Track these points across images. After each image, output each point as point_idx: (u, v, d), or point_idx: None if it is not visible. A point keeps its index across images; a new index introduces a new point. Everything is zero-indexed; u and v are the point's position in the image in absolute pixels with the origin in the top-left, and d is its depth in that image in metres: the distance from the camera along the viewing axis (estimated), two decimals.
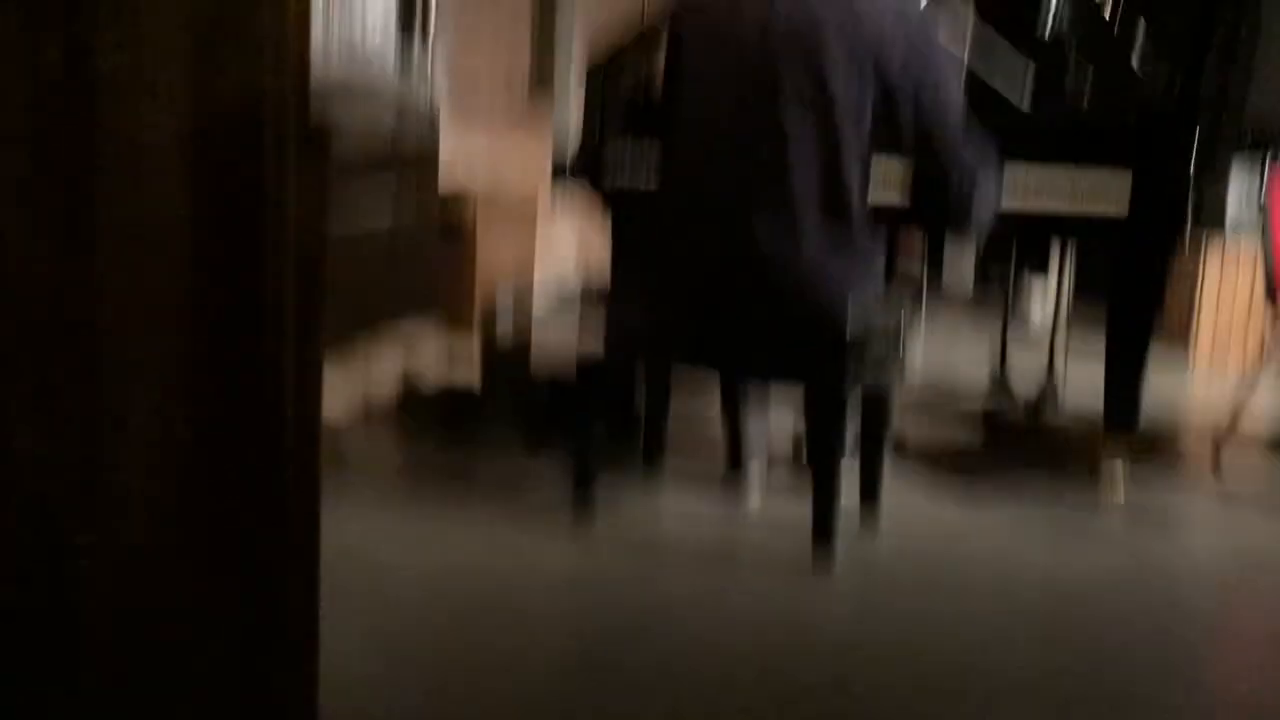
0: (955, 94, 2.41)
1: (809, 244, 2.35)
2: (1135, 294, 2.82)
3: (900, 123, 2.37)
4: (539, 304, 5.82)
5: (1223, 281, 5.49)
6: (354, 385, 3.51)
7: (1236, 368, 5.32)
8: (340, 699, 1.59)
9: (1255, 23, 6.32)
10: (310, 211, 0.93)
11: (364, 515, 2.58)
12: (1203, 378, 5.18)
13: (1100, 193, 2.72)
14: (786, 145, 2.34)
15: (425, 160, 4.55)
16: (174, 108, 0.87)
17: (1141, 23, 3.12)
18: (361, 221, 4.34)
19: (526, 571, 2.28)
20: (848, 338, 2.33)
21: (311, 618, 1.07)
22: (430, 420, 3.31)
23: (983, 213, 2.46)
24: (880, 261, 2.51)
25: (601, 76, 3.30)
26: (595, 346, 2.60)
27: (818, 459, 2.40)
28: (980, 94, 2.78)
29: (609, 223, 3.24)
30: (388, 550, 2.37)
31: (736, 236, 2.37)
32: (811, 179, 2.35)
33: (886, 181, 2.68)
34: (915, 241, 3.78)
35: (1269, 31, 6.56)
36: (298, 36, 0.87)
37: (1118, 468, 2.94)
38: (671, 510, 2.72)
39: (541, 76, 7.26)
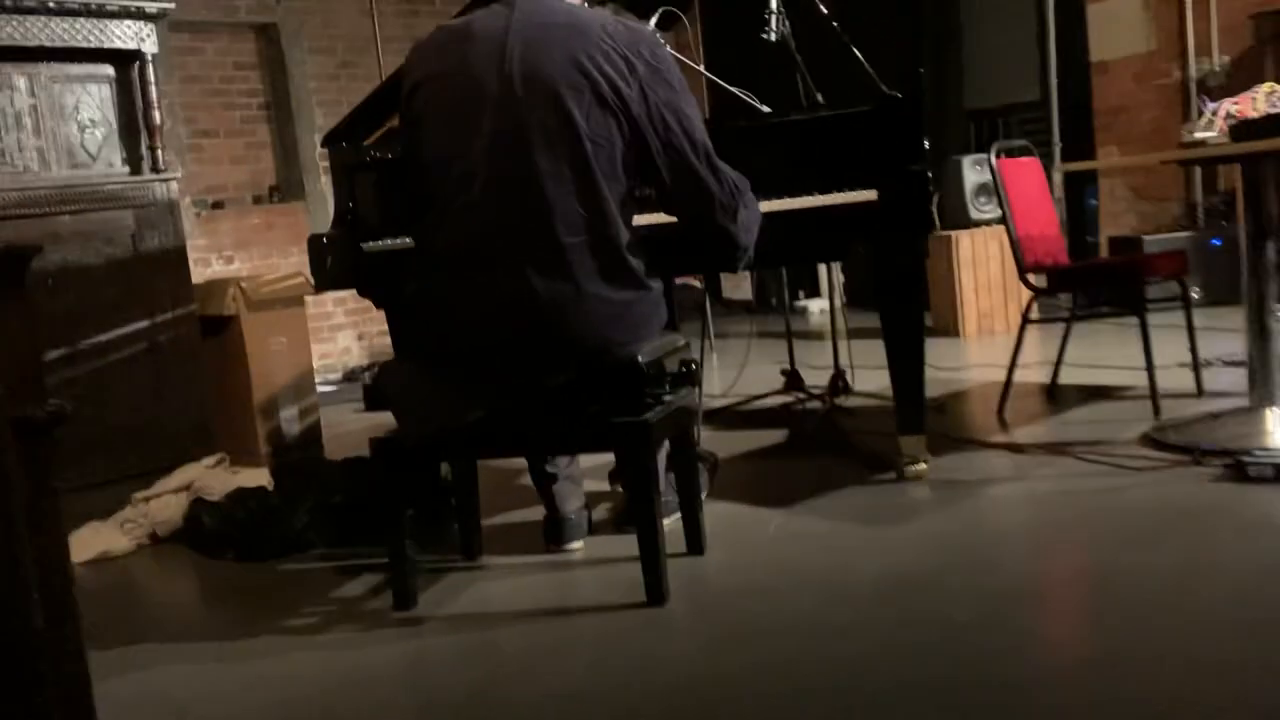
0: (698, 119, 2.42)
1: (585, 287, 2.30)
2: (898, 302, 2.93)
3: (651, 152, 2.36)
4: (321, 384, 5.58)
5: (976, 264, 5.86)
6: (139, 524, 3.23)
7: (1001, 333, 5.70)
8: None
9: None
10: (18, 345, 0.80)
11: (167, 652, 2.36)
12: (974, 347, 5.48)
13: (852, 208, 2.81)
14: (544, 189, 2.29)
15: (171, 254, 4.29)
16: None
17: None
18: (116, 323, 4.05)
19: (357, 675, 2.13)
20: (642, 375, 2.30)
21: None
22: (225, 533, 3.06)
23: (747, 235, 2.48)
24: (660, 289, 2.48)
25: (340, 142, 3.19)
26: (389, 426, 2.48)
27: (638, 512, 2.34)
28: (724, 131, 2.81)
29: (381, 299, 3.12)
30: (200, 687, 2.16)
31: (512, 292, 2.29)
32: (576, 224, 2.30)
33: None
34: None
35: (980, 36, 7.08)
36: None
37: (915, 458, 3.05)
38: (499, 585, 2.62)
39: (289, 189, 7.04)
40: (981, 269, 5.88)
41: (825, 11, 3.31)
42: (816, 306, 7.69)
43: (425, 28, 2.54)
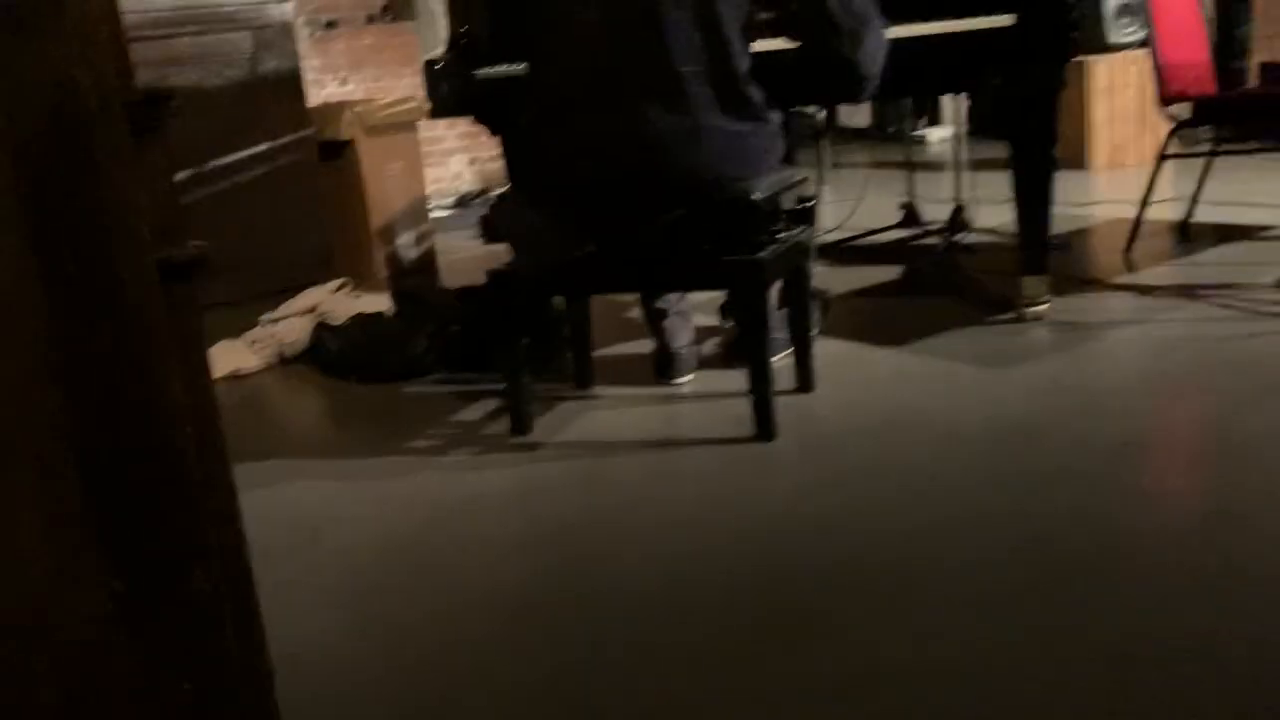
0: None
1: (702, 119, 2.24)
2: (1029, 136, 2.80)
3: None
4: (434, 210, 5.64)
5: (1112, 92, 5.53)
6: (267, 344, 3.37)
7: (1134, 166, 5.42)
8: (308, 653, 1.55)
9: None
10: (159, 188, 0.82)
11: (297, 468, 2.49)
12: (1104, 180, 5.24)
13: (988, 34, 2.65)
14: (661, 15, 2.22)
15: (288, 77, 4.31)
16: None
17: None
18: (237, 145, 4.13)
19: (477, 496, 2.22)
20: (758, 211, 2.26)
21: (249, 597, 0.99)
22: (348, 356, 3.17)
23: (872, 64, 2.37)
24: (778, 121, 2.41)
25: None
26: (503, 257, 2.50)
27: (749, 349, 2.35)
28: None
29: (495, 128, 3.10)
30: (329, 504, 2.29)
31: (626, 124, 2.25)
32: (694, 51, 2.23)
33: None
34: None
35: None
36: (107, 11, 0.75)
37: (1036, 299, 2.97)
38: (610, 415, 2.67)
39: (401, 7, 6.90)
40: (1119, 97, 5.55)
41: None
42: (937, 135, 7.40)
43: None
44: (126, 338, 0.82)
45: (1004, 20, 2.61)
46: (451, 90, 2.99)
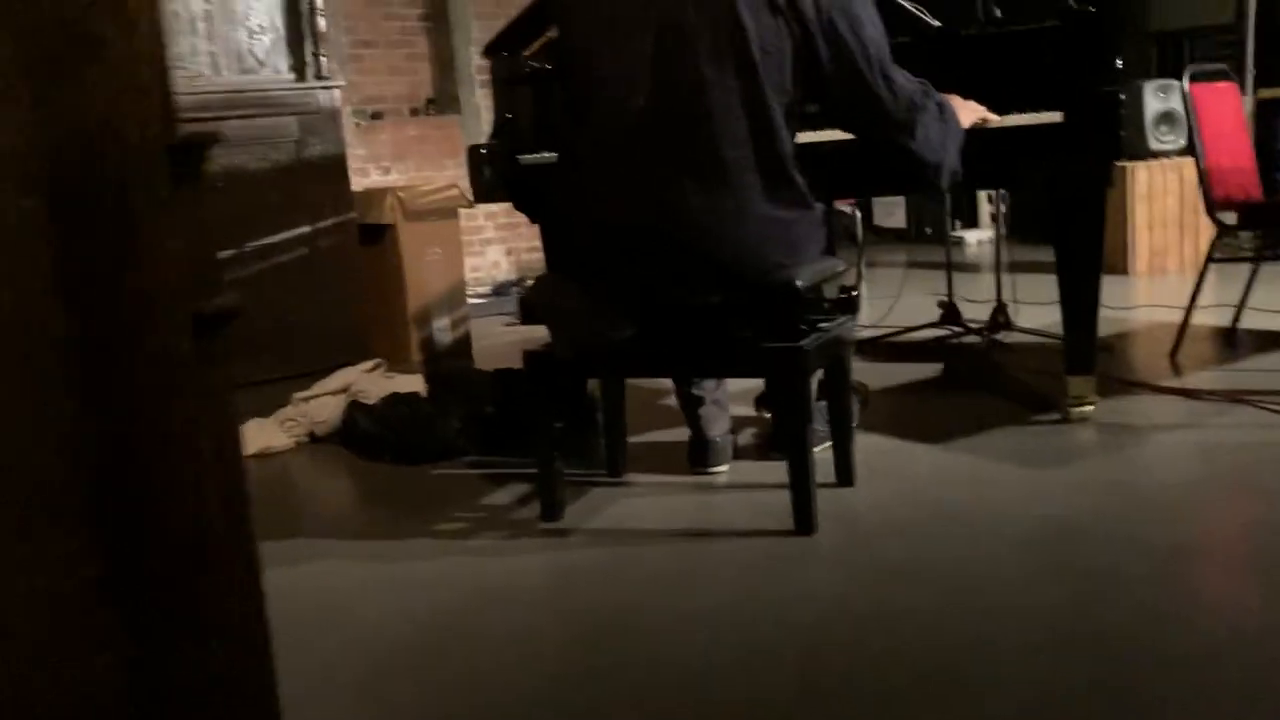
0: (874, 25, 2.28)
1: (745, 204, 2.22)
2: (1078, 232, 2.77)
3: (824, 66, 2.25)
4: (471, 297, 5.66)
5: (1152, 198, 5.50)
6: (298, 423, 3.34)
7: (1175, 272, 5.37)
8: None
9: None
10: (194, 237, 0.79)
11: (323, 548, 2.44)
12: (1144, 285, 5.18)
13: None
14: (708, 99, 2.21)
15: (333, 161, 4.37)
16: (17, 143, 0.72)
17: None
18: (279, 227, 4.17)
19: (505, 584, 2.16)
20: (800, 299, 2.22)
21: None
22: (380, 436, 3.13)
23: (935, 152, 2.33)
24: (821, 209, 2.39)
25: (502, 52, 3.15)
26: (540, 340, 2.47)
27: (789, 440, 2.29)
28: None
29: (534, 214, 3.10)
30: (355, 586, 2.23)
31: (667, 206, 2.23)
32: (740, 136, 2.22)
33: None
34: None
35: None
36: (153, 54, 0.73)
37: (1082, 398, 2.90)
38: (643, 503, 2.61)
39: (445, 102, 7.06)
40: (1158, 203, 5.53)
41: None
42: (974, 237, 7.39)
43: None
44: (155, 389, 0.78)
45: (1053, 116, 2.60)
46: (494, 175, 3.00)
